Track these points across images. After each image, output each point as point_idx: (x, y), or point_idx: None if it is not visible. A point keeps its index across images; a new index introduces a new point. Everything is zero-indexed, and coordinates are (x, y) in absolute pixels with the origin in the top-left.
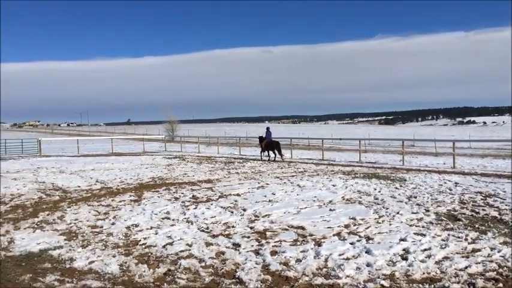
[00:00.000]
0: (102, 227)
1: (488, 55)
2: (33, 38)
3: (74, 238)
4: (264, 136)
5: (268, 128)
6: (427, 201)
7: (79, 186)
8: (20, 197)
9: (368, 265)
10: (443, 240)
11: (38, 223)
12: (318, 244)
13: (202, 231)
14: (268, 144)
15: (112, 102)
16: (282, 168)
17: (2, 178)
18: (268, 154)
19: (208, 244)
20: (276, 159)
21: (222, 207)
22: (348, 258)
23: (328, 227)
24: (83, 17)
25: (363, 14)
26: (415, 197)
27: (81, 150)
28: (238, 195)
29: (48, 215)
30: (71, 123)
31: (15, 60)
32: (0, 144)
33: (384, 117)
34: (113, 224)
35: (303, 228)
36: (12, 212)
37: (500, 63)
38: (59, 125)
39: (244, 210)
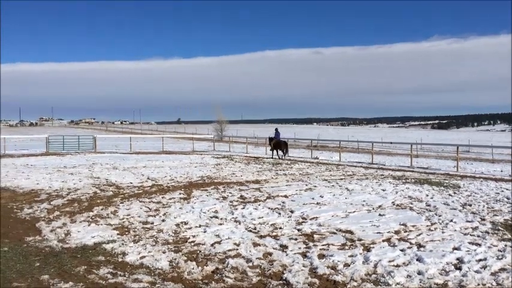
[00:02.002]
0: (152, 223)
1: None
2: (92, 38)
3: (126, 233)
4: (273, 136)
5: (276, 129)
6: (483, 210)
7: (131, 183)
8: (76, 191)
9: (419, 273)
10: (499, 250)
11: (93, 217)
12: (367, 249)
13: (250, 231)
14: (277, 143)
15: (164, 101)
16: (330, 171)
17: (61, 173)
18: (277, 152)
19: (255, 244)
20: (275, 156)
21: (269, 208)
22: (398, 265)
23: (377, 232)
24: (139, 17)
25: (419, 14)
26: (470, 205)
27: (133, 147)
28: (285, 196)
29: (102, 209)
30: (124, 121)
31: (75, 60)
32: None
33: (437, 121)
34: (163, 220)
35: (351, 232)
36: (68, 206)
37: None
38: (113, 123)
39: (292, 212)
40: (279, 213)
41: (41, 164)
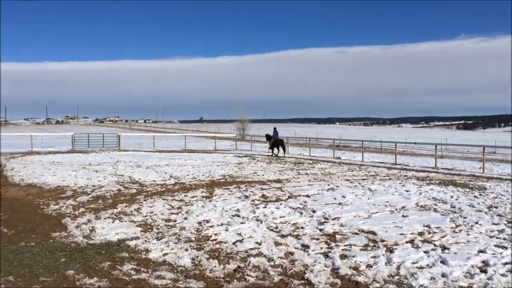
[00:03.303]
0: (175, 221)
1: None
2: (116, 37)
3: (150, 230)
4: (271, 135)
5: (275, 128)
6: (510, 212)
7: (154, 181)
8: (101, 189)
9: (443, 275)
10: None
11: (117, 214)
12: (390, 250)
13: (272, 230)
14: (275, 142)
15: (186, 100)
16: (352, 171)
17: (86, 170)
18: (273, 150)
19: (277, 244)
20: (275, 154)
21: (291, 207)
22: (421, 267)
23: (400, 234)
24: (162, 17)
25: (445, 13)
26: (496, 207)
27: (156, 146)
28: (307, 196)
29: (126, 206)
30: (148, 120)
31: (99, 59)
32: None
33: (462, 122)
34: (186, 218)
35: (374, 233)
36: (93, 202)
37: None
38: (137, 121)
39: (314, 211)
40: (301, 213)
41: (67, 161)
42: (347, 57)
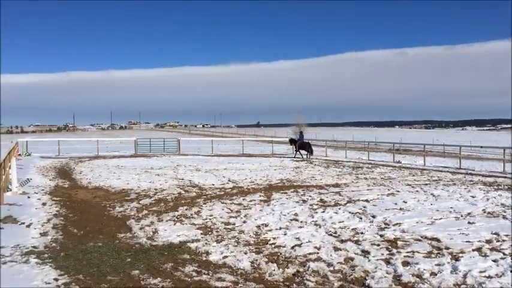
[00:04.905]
0: (234, 224)
1: None
2: (175, 45)
3: (209, 233)
4: (297, 138)
5: (301, 132)
6: None
7: (213, 184)
8: (162, 192)
9: None
10: None
11: (178, 216)
12: (455, 258)
13: (330, 235)
14: (301, 145)
15: (243, 105)
16: (414, 175)
17: (148, 174)
18: (300, 153)
19: (336, 249)
20: (298, 156)
21: (350, 212)
22: (490, 277)
23: (466, 241)
24: (218, 23)
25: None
26: None
27: (214, 150)
28: (367, 201)
29: (186, 209)
30: (206, 125)
31: (160, 66)
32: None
33: None
34: (244, 222)
35: (437, 240)
36: (156, 205)
37: None
38: (195, 126)
39: (374, 217)
40: (360, 218)
41: (130, 165)
42: (407, 59)
